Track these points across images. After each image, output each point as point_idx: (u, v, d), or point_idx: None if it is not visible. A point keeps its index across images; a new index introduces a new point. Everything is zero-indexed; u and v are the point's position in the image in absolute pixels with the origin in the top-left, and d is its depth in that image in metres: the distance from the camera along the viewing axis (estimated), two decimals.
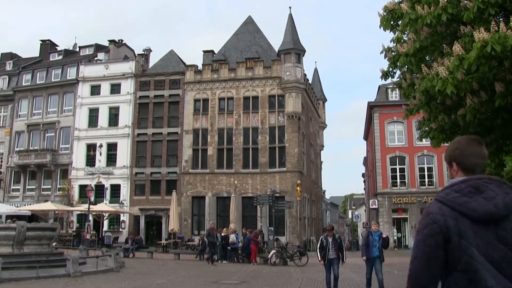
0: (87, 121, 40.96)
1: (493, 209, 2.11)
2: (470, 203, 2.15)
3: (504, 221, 2.12)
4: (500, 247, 2.09)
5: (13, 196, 42.10)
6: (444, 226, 2.14)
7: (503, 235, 2.11)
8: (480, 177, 2.25)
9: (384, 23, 9.42)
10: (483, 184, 2.20)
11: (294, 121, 36.14)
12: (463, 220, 2.14)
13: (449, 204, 2.20)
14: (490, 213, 2.11)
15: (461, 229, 2.12)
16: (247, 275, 16.74)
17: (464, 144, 2.39)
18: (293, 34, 37.76)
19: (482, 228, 2.12)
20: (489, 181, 2.22)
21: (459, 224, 2.13)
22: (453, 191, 2.24)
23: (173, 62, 42.49)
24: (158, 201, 37.89)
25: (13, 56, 51.54)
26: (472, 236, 2.10)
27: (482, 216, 2.11)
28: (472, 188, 2.20)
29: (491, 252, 2.09)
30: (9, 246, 14.47)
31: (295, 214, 34.55)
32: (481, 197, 2.15)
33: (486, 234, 2.11)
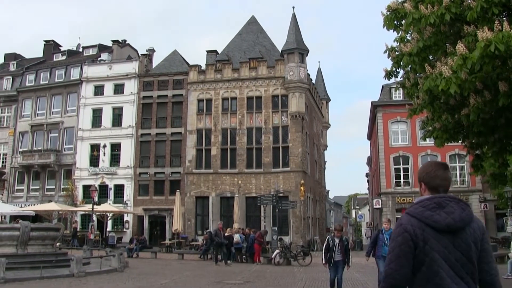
0: (91, 122, 41.06)
1: (451, 222, 2.63)
2: (434, 216, 2.65)
3: (460, 232, 2.64)
4: (456, 252, 2.61)
5: (17, 196, 42.24)
6: (414, 235, 2.63)
7: (458, 243, 2.62)
8: (443, 196, 2.75)
9: (388, 23, 9.40)
10: (445, 202, 2.70)
11: (297, 121, 36.11)
12: (427, 230, 2.63)
13: (417, 217, 2.69)
14: (449, 225, 2.62)
15: (425, 237, 2.62)
16: (251, 275, 16.73)
17: (432, 168, 2.88)
18: (297, 34, 37.73)
19: (442, 237, 2.62)
20: (449, 199, 2.73)
21: (424, 233, 2.62)
22: (420, 206, 2.74)
23: (176, 62, 42.54)
24: (162, 201, 37.93)
25: (17, 57, 51.71)
26: (435, 243, 2.61)
27: (443, 227, 2.62)
28: (435, 204, 2.70)
29: (448, 256, 2.60)
30: (13, 246, 14.52)
31: (299, 214, 34.52)
32: (443, 211, 2.66)
33: (445, 242, 2.62)
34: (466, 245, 2.64)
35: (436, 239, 2.62)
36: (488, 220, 35.85)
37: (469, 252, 2.64)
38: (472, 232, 2.69)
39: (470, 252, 2.64)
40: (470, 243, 2.65)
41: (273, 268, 20.33)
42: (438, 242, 2.61)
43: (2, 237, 14.58)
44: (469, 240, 2.66)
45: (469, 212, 2.72)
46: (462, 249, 2.63)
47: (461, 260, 2.62)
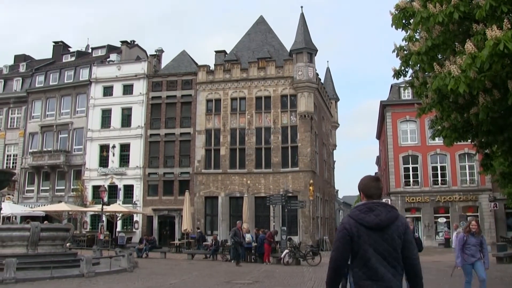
0: (100, 122, 41.27)
1: (379, 221, 3.48)
2: (365, 218, 3.51)
3: (386, 228, 3.49)
4: (384, 244, 3.46)
5: (27, 197, 42.60)
6: (350, 231, 3.50)
7: (385, 237, 3.48)
8: (374, 202, 3.59)
9: (396, 22, 9.35)
10: (374, 206, 3.55)
11: (306, 120, 36.05)
12: (361, 228, 3.49)
13: (354, 218, 3.55)
14: (377, 223, 3.48)
15: (359, 233, 3.48)
16: (260, 274, 16.73)
17: (367, 181, 3.70)
18: (305, 34, 37.66)
19: (372, 233, 3.47)
20: (378, 204, 3.57)
21: (358, 230, 3.48)
22: (357, 210, 3.60)
23: (185, 63, 42.64)
24: (171, 202, 38.06)
25: (26, 58, 52.09)
26: (366, 237, 3.46)
27: (372, 225, 3.48)
28: (367, 208, 3.56)
29: (377, 247, 3.45)
30: (24, 246, 14.63)
31: (308, 213, 34.47)
32: (373, 214, 3.51)
33: (375, 236, 3.46)
34: (391, 239, 3.49)
35: (367, 234, 3.48)
36: (498, 220, 35.58)
37: (394, 243, 3.49)
38: (396, 228, 3.52)
39: (395, 244, 3.49)
40: (394, 237, 3.50)
41: (282, 268, 20.31)
42: (369, 236, 3.47)
43: (13, 238, 14.71)
44: (394, 234, 3.50)
45: (394, 213, 3.57)
46: (388, 241, 3.48)
47: (387, 249, 3.47)
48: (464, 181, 36.28)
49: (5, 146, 44.68)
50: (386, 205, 3.61)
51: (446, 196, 35.90)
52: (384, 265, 3.46)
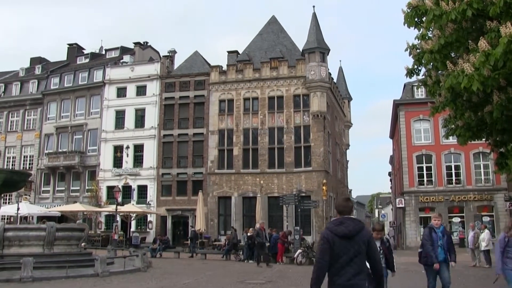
0: (114, 123, 41.62)
1: (347, 231, 4.51)
2: (337, 229, 4.54)
3: (353, 237, 4.50)
4: (352, 250, 4.48)
5: (43, 197, 43.14)
6: (328, 239, 4.51)
7: (352, 244, 4.50)
8: (344, 217, 4.66)
9: (408, 20, 9.30)
10: (344, 220, 4.61)
11: (319, 120, 35.96)
12: (334, 237, 4.50)
13: (330, 229, 4.59)
14: (345, 233, 4.50)
15: (334, 241, 4.49)
16: (273, 274, 16.73)
17: (340, 201, 4.86)
18: (317, 33, 37.56)
19: (343, 241, 4.48)
20: (347, 219, 4.63)
21: (333, 239, 4.49)
22: (332, 223, 4.66)
23: (197, 63, 42.80)
24: (185, 202, 38.23)
25: (42, 60, 52.78)
26: (338, 244, 4.47)
27: (342, 235, 4.50)
28: (339, 222, 4.61)
29: (346, 251, 4.47)
30: (40, 246, 14.82)
31: (321, 213, 34.37)
32: (343, 226, 4.55)
33: (345, 244, 4.48)
34: (357, 245, 4.52)
35: (339, 241, 4.50)
36: None
37: (359, 248, 4.52)
38: (361, 237, 4.56)
39: (360, 249, 4.52)
40: (360, 243, 4.53)
41: (296, 268, 20.29)
42: (340, 243, 4.49)
43: (30, 237, 14.91)
44: (359, 241, 4.54)
45: (360, 225, 4.61)
46: (355, 247, 4.50)
47: (354, 253, 4.49)
48: (479, 180, 35.84)
49: (22, 147, 45.32)
50: (354, 219, 4.71)
51: (461, 196, 35.48)
52: (351, 264, 4.50)
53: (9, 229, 14.85)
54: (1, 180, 16.65)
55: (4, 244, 14.18)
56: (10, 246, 14.33)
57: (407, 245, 35.88)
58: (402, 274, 16.30)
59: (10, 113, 46.56)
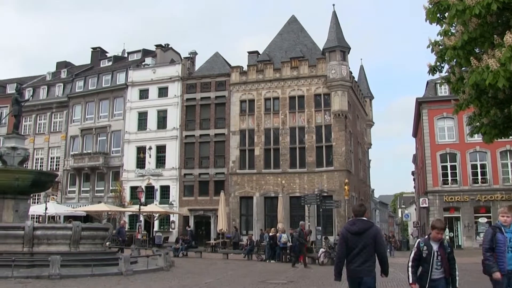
0: (137, 125, 42.16)
1: (357, 229, 6.14)
2: (350, 228, 6.20)
3: (363, 233, 6.08)
4: (361, 243, 6.06)
5: (69, 197, 43.97)
6: (344, 236, 6.25)
7: (362, 238, 6.08)
8: (357, 218, 6.27)
9: (430, 16, 9.15)
10: (356, 221, 6.24)
11: (340, 119, 35.74)
12: (348, 234, 6.18)
13: (345, 228, 6.31)
14: (356, 231, 6.12)
15: (348, 237, 6.17)
16: (295, 274, 16.69)
17: (354, 206, 6.42)
18: (338, 32, 37.35)
19: (355, 236, 6.12)
20: (359, 220, 6.23)
21: (347, 235, 6.18)
22: (347, 223, 6.38)
23: (218, 64, 43.01)
24: (207, 202, 38.45)
25: (67, 64, 53.92)
26: (351, 239, 6.12)
27: (354, 232, 6.15)
28: (352, 222, 6.26)
29: (358, 245, 6.08)
30: (67, 244, 15.10)
31: (343, 213, 34.13)
32: (355, 225, 6.18)
33: (356, 239, 6.10)
34: (366, 240, 6.07)
35: (352, 237, 6.15)
36: None
37: (367, 242, 6.06)
38: (369, 233, 6.11)
39: (368, 242, 6.06)
40: (369, 238, 6.08)
41: (318, 268, 20.20)
42: (352, 238, 6.13)
43: (57, 236, 15.21)
44: (368, 237, 6.08)
45: (368, 225, 6.18)
46: (364, 241, 6.07)
47: (363, 246, 6.06)
48: (506, 179, 35.04)
49: (49, 149, 46.35)
50: (364, 220, 6.28)
51: (487, 195, 34.75)
52: (361, 254, 6.08)
53: (38, 228, 15.18)
54: (30, 180, 17.07)
55: (34, 242, 14.53)
56: (39, 244, 14.68)
57: None
58: None
59: (38, 116, 47.68)
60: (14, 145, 18.00)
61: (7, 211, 16.67)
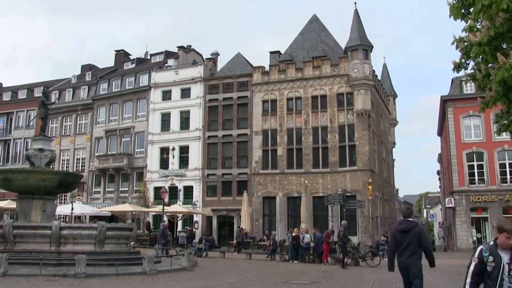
0: (160, 126, 42.57)
1: (403, 228, 7.64)
2: (398, 227, 7.82)
3: (408, 231, 7.52)
4: (407, 240, 7.48)
5: (95, 198, 44.70)
6: (394, 234, 7.90)
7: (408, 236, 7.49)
8: (404, 219, 7.82)
9: (454, 12, 8.94)
10: (403, 221, 7.79)
11: (363, 118, 35.40)
12: (396, 232, 7.77)
13: (395, 227, 7.99)
14: (402, 230, 7.64)
15: (396, 234, 7.74)
16: (318, 275, 16.60)
17: (403, 208, 8.11)
18: (360, 30, 37.01)
19: (402, 234, 7.61)
20: (405, 220, 7.74)
21: (396, 233, 7.75)
22: (397, 223, 8.20)
23: (240, 65, 43.10)
24: (230, 202, 38.56)
25: (92, 67, 54.93)
26: (399, 236, 7.63)
27: (400, 230, 7.67)
28: (400, 222, 7.92)
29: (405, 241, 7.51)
30: (92, 244, 15.36)
31: (367, 213, 33.81)
32: (401, 225, 7.76)
33: (403, 236, 7.56)
34: (411, 237, 7.38)
35: (399, 235, 7.58)
36: None
37: (412, 239, 7.37)
38: (413, 232, 7.42)
39: (412, 239, 7.37)
40: (413, 236, 7.38)
41: (341, 268, 20.04)
42: (400, 236, 7.54)
43: (83, 236, 15.49)
44: (413, 234, 7.40)
45: (412, 225, 7.53)
46: (409, 238, 7.39)
47: (408, 242, 7.39)
48: None
49: (74, 151, 47.21)
50: (409, 221, 7.68)
51: None
52: (407, 249, 7.43)
53: (64, 227, 15.49)
54: (57, 181, 17.44)
55: (61, 241, 14.84)
56: (65, 244, 14.98)
57: (458, 247, 34.69)
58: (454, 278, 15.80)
59: (64, 118, 48.63)
60: (41, 147, 18.40)
61: (35, 211, 17.06)
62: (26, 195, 17.24)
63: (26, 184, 17.04)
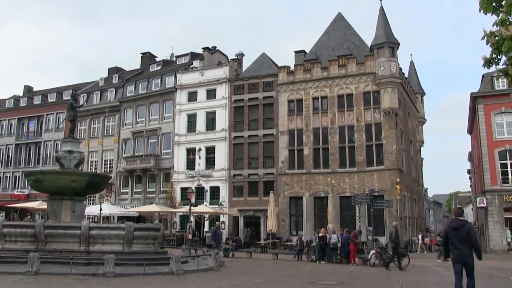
0: (186, 127, 42.92)
1: (455, 225, 9.02)
2: (450, 224, 9.21)
3: (459, 229, 8.90)
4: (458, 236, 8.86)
5: (122, 198, 45.36)
6: (446, 230, 9.39)
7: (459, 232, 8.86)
8: (455, 218, 9.31)
9: (485, 6, 8.69)
10: (454, 220, 9.27)
11: (391, 117, 34.89)
12: (449, 229, 9.15)
13: (448, 224, 9.44)
14: (454, 227, 9.01)
15: (449, 231, 9.13)
16: (345, 276, 16.40)
17: (455, 208, 10.00)
18: (386, 28, 36.50)
19: (454, 231, 8.97)
20: (456, 219, 9.21)
21: (448, 230, 9.18)
22: (449, 221, 9.78)
23: (265, 65, 43.07)
24: (256, 202, 38.56)
25: (118, 70, 55.82)
26: (451, 233, 9.02)
27: (452, 228, 9.03)
28: (451, 220, 9.38)
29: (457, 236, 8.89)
30: (120, 244, 15.55)
31: (395, 213, 33.29)
32: (453, 223, 9.16)
33: (455, 232, 8.93)
34: (462, 233, 8.76)
35: (451, 231, 8.96)
36: None
37: (463, 235, 8.75)
38: (463, 229, 8.82)
39: (465, 235, 8.75)
40: (464, 232, 8.76)
41: (369, 269, 19.76)
42: (452, 232, 8.94)
43: (111, 236, 15.70)
44: (463, 231, 8.77)
45: (462, 223, 8.99)
46: (460, 235, 8.77)
47: (459, 238, 8.78)
48: None
49: (102, 152, 48.07)
50: (459, 219, 9.02)
51: None
52: (460, 244, 8.69)
53: (93, 227, 15.74)
54: (85, 182, 17.77)
55: (90, 241, 15.09)
56: (94, 243, 15.22)
57: (491, 248, 33.71)
58: (487, 280, 15.42)
59: (92, 120, 49.56)
60: (70, 149, 18.75)
61: (65, 211, 17.39)
62: (56, 196, 17.60)
63: (56, 185, 17.40)
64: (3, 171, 54.68)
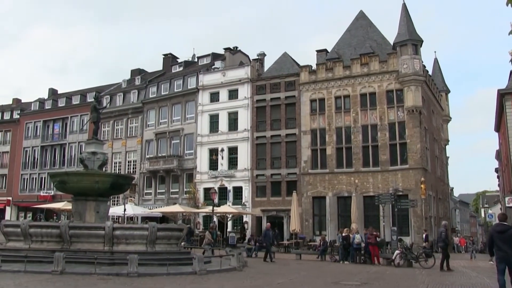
0: (208, 127, 43.11)
1: (500, 229, 9.75)
2: (495, 228, 9.97)
3: (504, 232, 9.59)
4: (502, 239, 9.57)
5: (146, 199, 45.83)
6: (491, 233, 10.08)
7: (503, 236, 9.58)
8: (500, 223, 10.00)
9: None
10: (499, 224, 9.94)
11: (414, 115, 34.38)
12: (494, 232, 9.88)
13: (493, 228, 10.20)
14: (499, 230, 9.73)
15: (493, 234, 9.87)
16: (369, 276, 16.20)
17: (499, 214, 10.53)
18: (408, 25, 35.97)
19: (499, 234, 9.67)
20: (500, 224, 9.94)
21: (493, 233, 9.92)
22: (494, 225, 10.32)
23: (287, 64, 42.96)
24: (279, 202, 38.47)
25: (141, 72, 56.42)
26: (496, 236, 9.72)
27: (498, 231, 9.73)
28: (497, 225, 10.09)
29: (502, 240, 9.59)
30: (143, 244, 15.67)
31: (420, 213, 32.79)
32: (498, 227, 9.88)
33: (500, 235, 9.65)
34: (506, 236, 9.47)
35: (496, 234, 9.68)
36: None
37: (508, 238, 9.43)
38: (509, 233, 9.46)
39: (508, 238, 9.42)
40: (508, 236, 9.45)
41: (393, 270, 19.49)
42: (497, 235, 9.66)
43: (134, 236, 15.83)
44: (507, 235, 9.46)
45: (506, 227, 9.60)
46: (505, 238, 9.48)
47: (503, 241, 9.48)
48: None
49: (126, 153, 48.66)
50: (503, 224, 9.71)
51: None
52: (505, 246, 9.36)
53: (117, 228, 15.88)
54: (109, 183, 17.95)
55: (114, 241, 15.24)
56: (118, 244, 15.36)
57: None
58: None
59: (115, 121, 50.21)
60: (94, 150, 18.99)
61: (89, 212, 17.62)
62: (81, 197, 17.84)
63: (81, 186, 17.64)
64: (30, 173, 55.92)
